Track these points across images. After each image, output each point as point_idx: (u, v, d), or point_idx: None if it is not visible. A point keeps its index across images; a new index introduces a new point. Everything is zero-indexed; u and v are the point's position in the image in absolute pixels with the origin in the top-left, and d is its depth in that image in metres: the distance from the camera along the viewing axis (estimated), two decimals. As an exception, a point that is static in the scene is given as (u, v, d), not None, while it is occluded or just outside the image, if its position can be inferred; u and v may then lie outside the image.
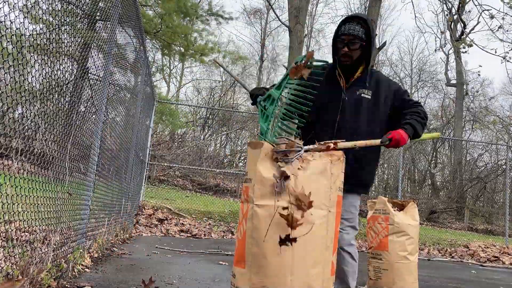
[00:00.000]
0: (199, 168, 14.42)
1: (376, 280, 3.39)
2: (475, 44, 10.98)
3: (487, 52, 11.62)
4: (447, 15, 17.15)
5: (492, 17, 10.83)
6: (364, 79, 2.32)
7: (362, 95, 2.29)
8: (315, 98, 1.98)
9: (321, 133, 2.21)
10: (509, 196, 10.23)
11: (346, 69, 2.33)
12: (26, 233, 2.54)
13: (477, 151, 21.98)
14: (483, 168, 20.06)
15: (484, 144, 20.96)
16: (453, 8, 15.78)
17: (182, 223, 7.33)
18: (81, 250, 3.15)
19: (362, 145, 1.96)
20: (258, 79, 26.70)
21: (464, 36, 16.53)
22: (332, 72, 2.37)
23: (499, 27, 11.31)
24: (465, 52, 11.87)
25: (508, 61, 10.83)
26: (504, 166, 14.91)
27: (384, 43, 11.85)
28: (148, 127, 8.44)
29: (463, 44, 11.28)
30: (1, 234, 2.13)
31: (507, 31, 12.93)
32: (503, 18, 11.08)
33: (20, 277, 2.05)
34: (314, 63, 1.79)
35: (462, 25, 17.06)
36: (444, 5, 16.02)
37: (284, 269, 1.59)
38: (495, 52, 11.33)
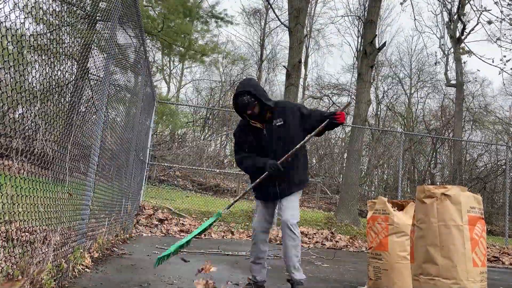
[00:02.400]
0: (199, 168, 14.43)
1: (376, 280, 3.39)
2: (474, 54, 10.98)
3: (484, 62, 11.71)
4: (449, 19, 17.15)
5: (490, 22, 10.86)
6: (274, 113, 3.06)
7: (277, 124, 3.03)
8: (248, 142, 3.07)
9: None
10: (509, 196, 10.24)
11: (256, 117, 3.05)
12: (26, 233, 2.54)
13: (477, 152, 21.99)
14: (483, 168, 20.07)
15: (484, 144, 20.98)
16: (453, 9, 15.79)
17: (182, 223, 7.34)
18: (81, 250, 3.15)
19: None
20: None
21: (464, 36, 16.53)
22: (248, 124, 3.09)
23: (497, 39, 11.35)
24: (464, 62, 11.90)
25: (504, 71, 10.87)
26: (504, 167, 14.92)
27: (384, 44, 11.85)
28: (149, 127, 8.45)
29: (462, 51, 11.33)
30: (2, 234, 2.13)
31: (504, 34, 12.95)
32: (500, 22, 11.09)
33: (20, 277, 2.06)
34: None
35: (462, 26, 17.07)
36: (443, 6, 16.03)
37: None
38: (493, 61, 11.32)
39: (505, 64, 10.88)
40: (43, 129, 2.37)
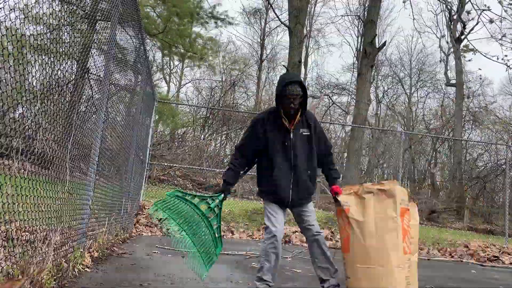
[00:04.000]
0: (199, 168, 14.43)
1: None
2: (480, 52, 10.93)
3: (490, 59, 11.60)
4: (449, 18, 17.15)
5: (491, 21, 10.87)
6: (302, 121, 3.03)
7: (303, 133, 3.01)
8: (261, 141, 2.97)
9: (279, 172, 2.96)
10: (509, 196, 10.24)
11: (290, 115, 2.98)
12: (27, 233, 2.54)
13: (477, 151, 22.02)
14: (482, 168, 20.07)
15: (483, 144, 21.00)
16: (453, 9, 15.78)
17: (182, 223, 7.33)
18: (81, 250, 3.15)
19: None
20: (257, 79, 26.70)
21: (464, 36, 16.53)
22: (277, 116, 3.01)
23: (503, 36, 11.34)
24: (469, 60, 11.88)
25: (510, 67, 10.84)
26: (503, 166, 14.92)
27: (384, 43, 11.86)
28: (149, 127, 8.45)
29: (466, 49, 11.29)
30: (2, 233, 2.13)
31: (504, 35, 12.94)
32: (501, 21, 11.09)
33: (20, 276, 2.06)
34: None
35: (462, 24, 17.06)
36: (444, 5, 16.02)
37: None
38: (497, 58, 11.31)
39: (506, 57, 10.86)
40: (43, 128, 2.37)
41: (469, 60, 15.71)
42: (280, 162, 2.95)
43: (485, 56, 11.52)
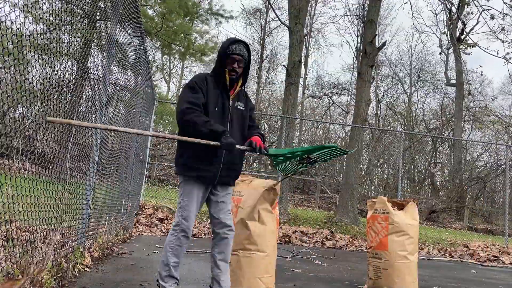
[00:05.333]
0: (199, 167, 14.40)
1: (376, 279, 3.39)
2: (478, 46, 10.95)
3: (489, 53, 11.61)
4: (449, 18, 17.15)
5: (492, 18, 10.85)
6: (241, 92, 2.72)
7: (239, 106, 2.68)
8: (205, 98, 2.51)
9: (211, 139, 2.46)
10: (509, 195, 10.24)
11: (231, 81, 2.64)
12: (27, 233, 2.54)
13: (477, 151, 22.02)
14: (482, 168, 20.08)
15: (484, 144, 21.00)
16: (453, 7, 15.77)
17: (182, 223, 7.33)
18: (81, 250, 3.15)
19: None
20: (257, 79, 26.69)
21: (464, 35, 16.54)
22: (219, 80, 2.62)
23: (501, 29, 11.34)
24: (469, 54, 11.88)
25: (510, 62, 10.83)
26: (503, 166, 14.91)
27: (384, 43, 11.85)
28: (149, 127, 8.44)
29: (466, 45, 11.32)
30: (2, 233, 2.13)
31: (507, 31, 12.94)
32: (502, 19, 11.08)
33: (20, 276, 2.06)
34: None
35: (462, 25, 17.05)
36: (444, 5, 16.01)
37: None
38: (497, 53, 11.36)
39: (507, 54, 10.86)
40: (43, 128, 2.37)
41: (469, 54, 15.61)
42: None
43: (484, 50, 11.56)
